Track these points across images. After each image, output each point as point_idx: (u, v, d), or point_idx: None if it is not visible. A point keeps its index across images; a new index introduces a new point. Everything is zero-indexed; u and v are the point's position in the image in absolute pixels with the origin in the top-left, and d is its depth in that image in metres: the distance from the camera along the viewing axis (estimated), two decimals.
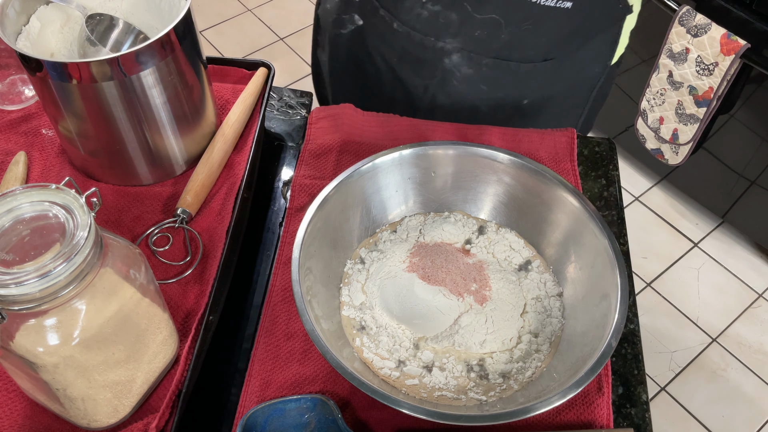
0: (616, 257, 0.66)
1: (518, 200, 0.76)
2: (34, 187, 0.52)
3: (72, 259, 0.49)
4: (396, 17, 0.90)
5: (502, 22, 0.85)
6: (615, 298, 0.64)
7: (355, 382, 0.58)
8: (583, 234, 0.70)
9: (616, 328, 0.62)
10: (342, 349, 0.65)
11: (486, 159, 0.75)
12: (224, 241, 0.73)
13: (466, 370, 0.66)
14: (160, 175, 0.80)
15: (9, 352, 0.52)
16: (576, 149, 0.87)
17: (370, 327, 0.68)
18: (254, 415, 0.62)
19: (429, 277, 0.70)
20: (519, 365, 0.66)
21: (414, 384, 0.65)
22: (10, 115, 0.85)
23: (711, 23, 1.50)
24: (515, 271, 0.74)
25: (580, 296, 0.70)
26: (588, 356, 0.62)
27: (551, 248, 0.75)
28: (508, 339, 0.68)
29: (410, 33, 0.90)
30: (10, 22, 0.72)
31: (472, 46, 0.89)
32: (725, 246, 1.94)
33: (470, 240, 0.76)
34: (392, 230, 0.77)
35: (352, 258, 0.75)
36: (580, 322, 0.68)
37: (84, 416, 0.59)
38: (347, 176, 0.72)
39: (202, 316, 0.67)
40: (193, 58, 0.74)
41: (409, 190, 0.78)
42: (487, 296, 0.70)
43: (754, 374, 1.70)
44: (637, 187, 2.06)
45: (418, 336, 0.68)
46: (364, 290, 0.72)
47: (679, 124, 1.69)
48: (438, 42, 0.90)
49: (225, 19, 2.53)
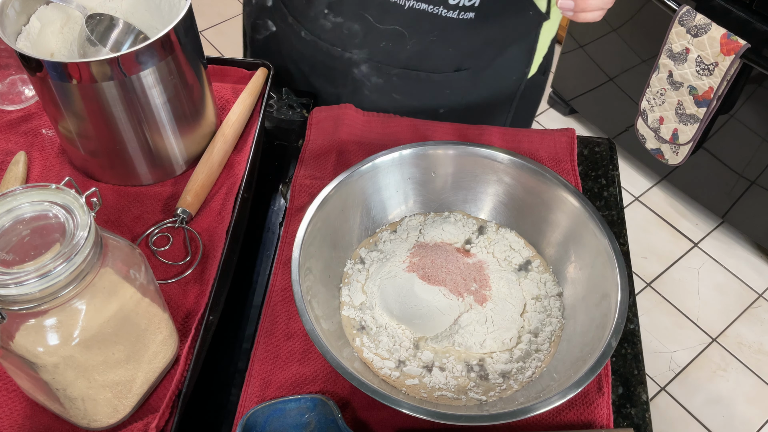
0: (616, 257, 0.66)
1: (518, 200, 0.76)
2: (34, 187, 0.52)
3: (72, 259, 0.49)
4: (303, 26, 0.90)
5: (405, 34, 0.85)
6: (615, 297, 0.64)
7: (355, 382, 0.58)
8: (583, 234, 0.70)
9: (615, 328, 0.62)
10: (342, 349, 0.65)
11: (486, 159, 0.75)
12: (224, 241, 0.73)
13: (466, 370, 0.66)
14: (160, 175, 0.80)
15: (9, 352, 0.52)
16: (576, 149, 0.87)
17: (370, 327, 0.68)
18: (254, 415, 0.62)
19: (429, 277, 0.70)
20: (519, 365, 0.66)
21: (414, 384, 0.65)
22: (10, 115, 0.85)
23: (711, 23, 1.50)
24: (515, 271, 0.74)
25: (580, 296, 0.70)
26: (588, 356, 0.62)
27: (551, 248, 0.75)
28: (508, 339, 0.68)
29: (317, 42, 0.90)
30: (10, 22, 0.72)
31: (379, 57, 0.89)
32: (725, 246, 1.94)
33: (470, 240, 0.76)
34: (392, 230, 0.77)
35: (352, 258, 0.75)
36: (580, 321, 0.68)
37: (84, 416, 0.59)
38: (347, 176, 0.72)
39: (202, 316, 0.67)
40: (193, 58, 0.74)
41: (409, 190, 0.78)
42: (487, 296, 0.70)
43: (754, 374, 1.70)
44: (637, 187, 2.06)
45: (418, 336, 0.68)
46: (364, 290, 0.72)
47: (679, 124, 1.69)
48: (345, 53, 0.89)
49: (225, 19, 2.53)
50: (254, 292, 0.75)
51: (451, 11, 0.82)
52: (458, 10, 0.82)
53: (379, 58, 0.89)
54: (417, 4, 0.81)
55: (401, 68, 0.89)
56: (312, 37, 0.90)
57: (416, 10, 0.82)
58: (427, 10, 0.82)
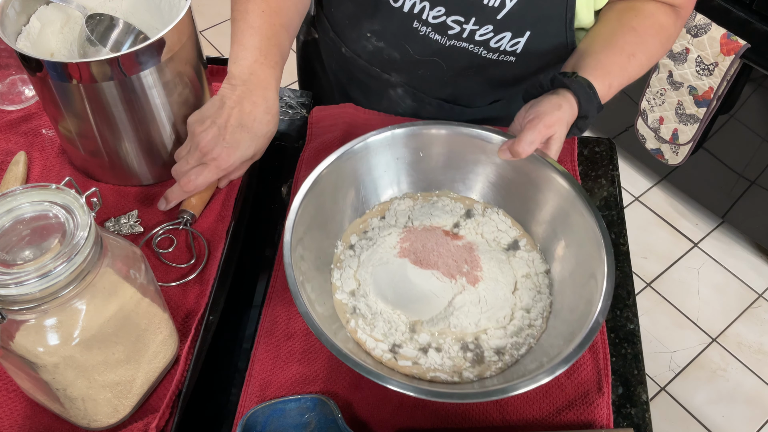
0: (603, 236, 0.67)
1: (507, 180, 0.77)
2: (34, 187, 0.52)
3: (72, 259, 0.49)
4: (344, 43, 0.91)
5: (443, 65, 0.85)
6: (602, 275, 0.65)
7: (348, 362, 0.58)
8: (570, 213, 0.71)
9: (603, 305, 0.63)
10: (336, 333, 0.65)
11: (477, 139, 0.76)
12: (224, 241, 0.73)
13: (462, 350, 0.67)
14: (160, 175, 0.80)
15: (9, 352, 0.52)
16: (576, 150, 0.87)
17: (365, 314, 0.69)
18: (254, 415, 0.62)
19: (421, 262, 0.71)
20: (513, 340, 0.68)
21: (407, 365, 0.66)
22: (10, 115, 0.85)
23: (711, 23, 1.50)
24: (504, 251, 0.75)
25: (568, 273, 0.71)
26: (576, 333, 0.62)
27: (539, 227, 0.76)
28: (502, 317, 0.69)
29: (357, 60, 0.91)
30: (10, 22, 0.72)
31: (415, 83, 0.90)
32: (725, 246, 1.94)
33: (458, 223, 0.77)
34: (381, 216, 0.78)
35: (342, 240, 0.76)
36: (569, 298, 0.69)
37: (84, 416, 0.59)
38: (340, 155, 0.73)
39: (202, 316, 0.67)
40: (193, 58, 0.74)
41: (400, 170, 0.79)
42: (479, 276, 0.71)
43: (754, 374, 1.70)
44: (637, 187, 2.06)
45: (413, 320, 0.69)
46: (356, 277, 0.72)
47: (679, 124, 1.69)
48: (383, 74, 0.90)
49: (225, 19, 2.53)
50: (254, 292, 0.75)
51: (492, 53, 0.83)
52: (498, 53, 0.83)
53: (415, 84, 0.90)
54: (458, 43, 0.82)
55: (436, 98, 0.91)
56: (352, 54, 0.91)
57: (456, 47, 0.83)
58: (468, 48, 0.82)
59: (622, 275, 0.77)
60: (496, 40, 0.80)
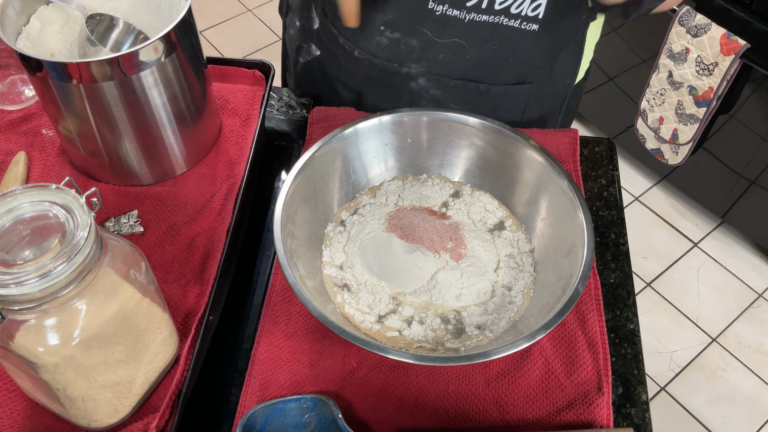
0: (578, 198, 0.69)
1: (490, 162, 0.79)
2: (34, 187, 0.52)
3: (72, 259, 0.49)
4: (356, 45, 0.89)
5: (465, 45, 0.84)
6: (582, 245, 0.66)
7: (336, 330, 0.60)
8: (547, 185, 0.74)
9: (582, 274, 0.64)
10: (325, 305, 0.67)
11: (457, 123, 0.78)
12: (224, 241, 0.73)
13: (444, 324, 0.69)
14: (160, 175, 0.80)
15: (9, 352, 0.52)
16: (579, 150, 0.87)
17: (351, 284, 0.71)
18: (254, 415, 0.62)
19: (407, 236, 0.74)
20: (493, 316, 0.69)
21: (394, 336, 0.68)
22: (10, 115, 0.85)
23: (711, 23, 1.50)
24: (489, 231, 0.77)
25: (551, 250, 0.73)
26: (557, 302, 0.64)
27: (522, 206, 0.78)
28: (483, 293, 0.71)
29: (372, 60, 0.89)
30: (10, 22, 0.72)
31: (437, 69, 0.88)
32: (725, 246, 1.94)
33: (447, 203, 0.79)
34: (372, 195, 0.80)
35: (333, 221, 0.77)
36: (551, 273, 0.70)
37: (84, 416, 0.59)
38: (329, 139, 0.74)
39: (202, 316, 0.67)
40: (193, 58, 0.74)
41: (388, 155, 0.80)
42: (462, 254, 0.73)
43: (754, 374, 1.70)
44: (637, 187, 2.06)
45: (397, 291, 0.71)
46: (345, 251, 0.74)
47: (679, 124, 1.69)
48: (402, 68, 0.89)
49: (225, 19, 2.53)
50: (254, 292, 0.75)
51: (513, 20, 0.81)
52: (520, 20, 0.81)
53: (437, 70, 0.88)
54: (478, 16, 0.81)
55: (460, 79, 0.89)
56: (366, 55, 0.89)
57: (477, 21, 0.81)
58: (489, 20, 0.81)
59: (622, 275, 0.77)
60: (517, 5, 0.80)
